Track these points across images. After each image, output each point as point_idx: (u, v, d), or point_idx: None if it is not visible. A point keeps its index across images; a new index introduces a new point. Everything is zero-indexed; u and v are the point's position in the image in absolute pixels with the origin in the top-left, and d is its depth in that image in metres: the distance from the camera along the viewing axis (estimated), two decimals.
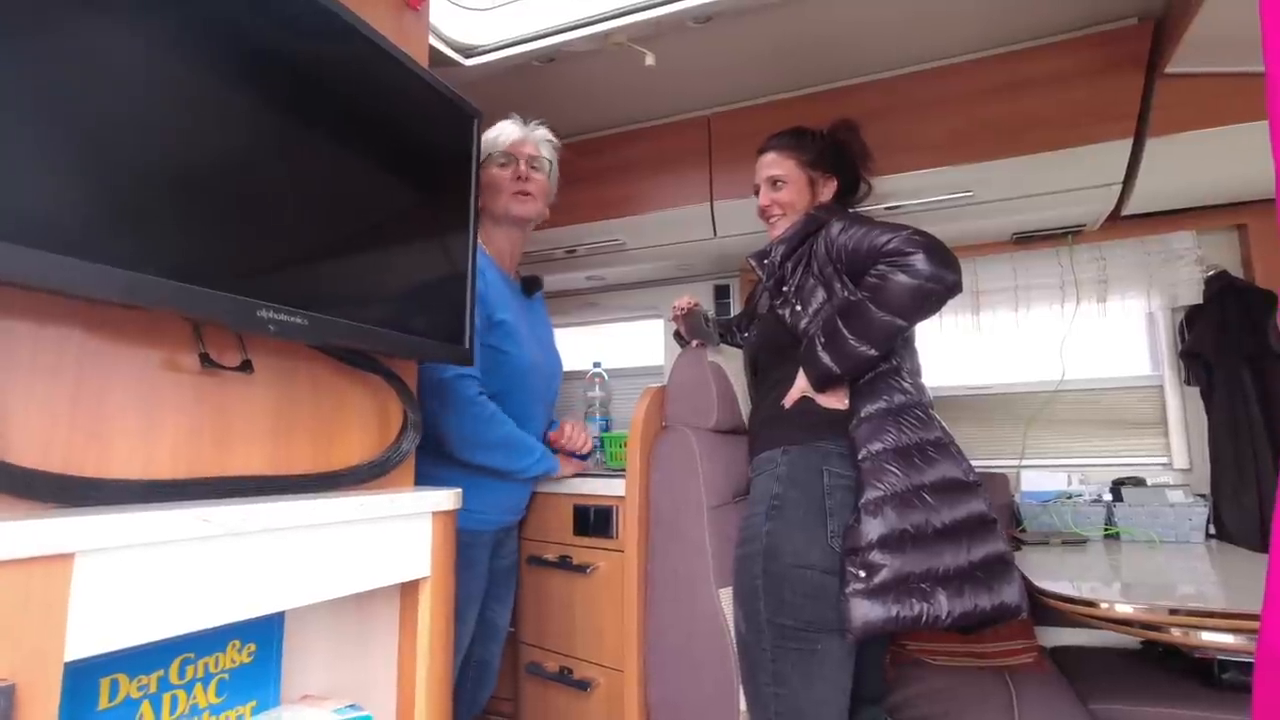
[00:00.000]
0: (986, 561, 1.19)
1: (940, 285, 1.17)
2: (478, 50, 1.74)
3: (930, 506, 1.17)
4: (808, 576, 1.19)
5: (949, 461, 1.22)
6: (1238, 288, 1.88)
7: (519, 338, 1.44)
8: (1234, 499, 1.79)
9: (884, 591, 1.12)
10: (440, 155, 1.09)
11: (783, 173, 1.46)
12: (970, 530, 1.19)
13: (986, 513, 1.22)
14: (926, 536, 1.16)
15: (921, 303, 1.18)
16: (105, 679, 0.74)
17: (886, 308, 1.18)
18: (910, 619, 1.12)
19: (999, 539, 1.22)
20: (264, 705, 0.91)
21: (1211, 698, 1.39)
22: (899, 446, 1.21)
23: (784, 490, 1.26)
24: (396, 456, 1.03)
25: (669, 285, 2.61)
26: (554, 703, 1.64)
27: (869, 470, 1.19)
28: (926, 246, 1.18)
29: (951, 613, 1.13)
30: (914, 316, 1.20)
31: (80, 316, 0.70)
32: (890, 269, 1.19)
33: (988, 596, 1.16)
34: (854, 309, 1.22)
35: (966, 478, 1.23)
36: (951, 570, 1.16)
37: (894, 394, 1.26)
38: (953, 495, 1.20)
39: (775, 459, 1.30)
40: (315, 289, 0.85)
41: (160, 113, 0.69)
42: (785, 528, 1.23)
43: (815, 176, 1.47)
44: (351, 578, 0.86)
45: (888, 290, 1.18)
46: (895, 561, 1.13)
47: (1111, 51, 1.62)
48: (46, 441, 0.66)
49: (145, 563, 0.63)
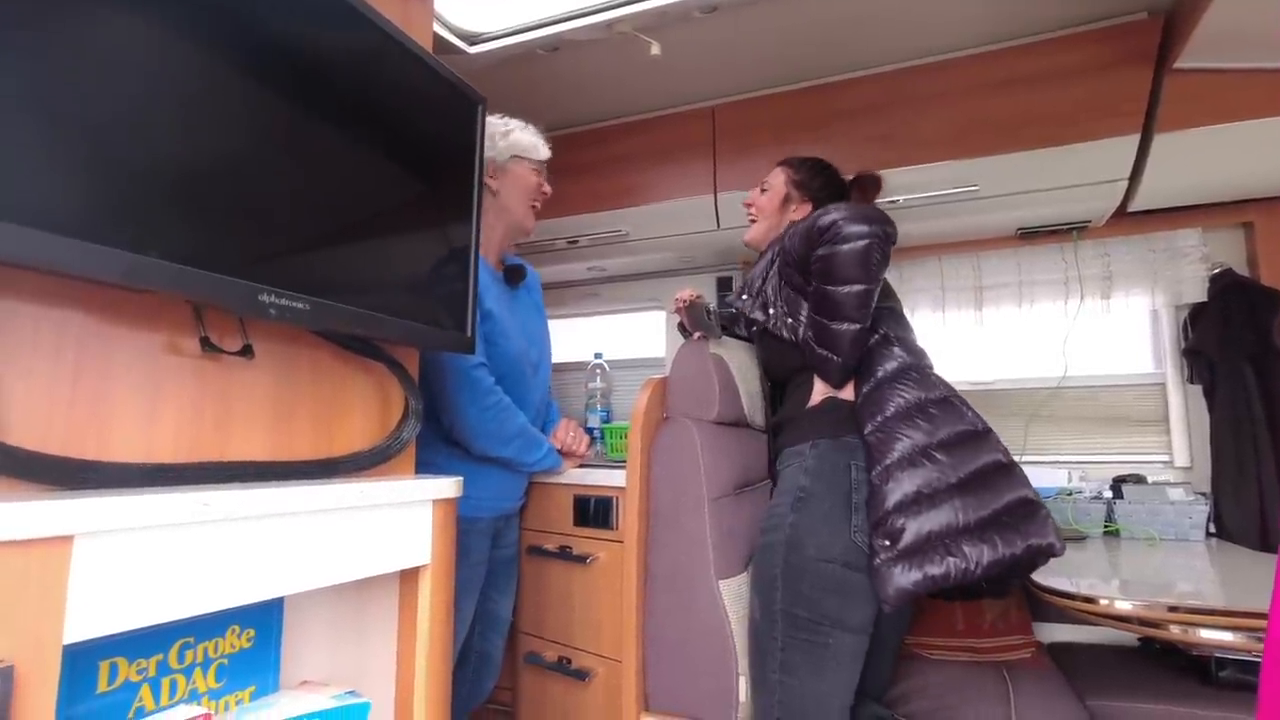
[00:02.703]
0: (1010, 507, 1.18)
1: (874, 238, 1.20)
2: (482, 38, 1.73)
3: (941, 464, 1.17)
4: (830, 570, 1.19)
5: (954, 415, 1.23)
6: (1242, 286, 1.87)
7: (505, 328, 1.44)
8: (1234, 498, 1.79)
9: (910, 555, 1.12)
10: (444, 142, 1.09)
11: (772, 181, 1.58)
12: (987, 479, 1.19)
13: (1002, 459, 1.22)
14: (941, 492, 1.15)
15: (867, 260, 1.21)
16: (104, 662, 0.74)
17: (841, 280, 1.22)
18: (940, 576, 1.11)
19: (1021, 483, 1.21)
20: (263, 690, 0.91)
21: (1209, 695, 1.39)
22: (899, 410, 1.22)
23: (811, 483, 1.27)
24: (397, 444, 1.02)
25: (671, 277, 2.60)
26: (552, 692, 1.65)
27: (876, 443, 1.20)
28: (845, 213, 1.22)
29: (980, 562, 1.12)
30: (870, 276, 1.22)
31: (82, 299, 0.69)
32: (824, 248, 1.23)
33: (1019, 540, 1.15)
34: (820, 298, 1.27)
35: (975, 427, 1.23)
36: (974, 522, 1.15)
37: (886, 362, 1.28)
38: (965, 448, 1.20)
39: (804, 452, 1.32)
40: (317, 274, 0.85)
41: (164, 98, 0.68)
42: (810, 520, 1.23)
43: (793, 194, 1.54)
44: (351, 564, 0.85)
45: (833, 266, 1.22)
46: (914, 523, 1.13)
47: (1120, 46, 1.61)
48: (47, 424, 0.66)
49: (145, 546, 0.63)
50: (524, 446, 1.43)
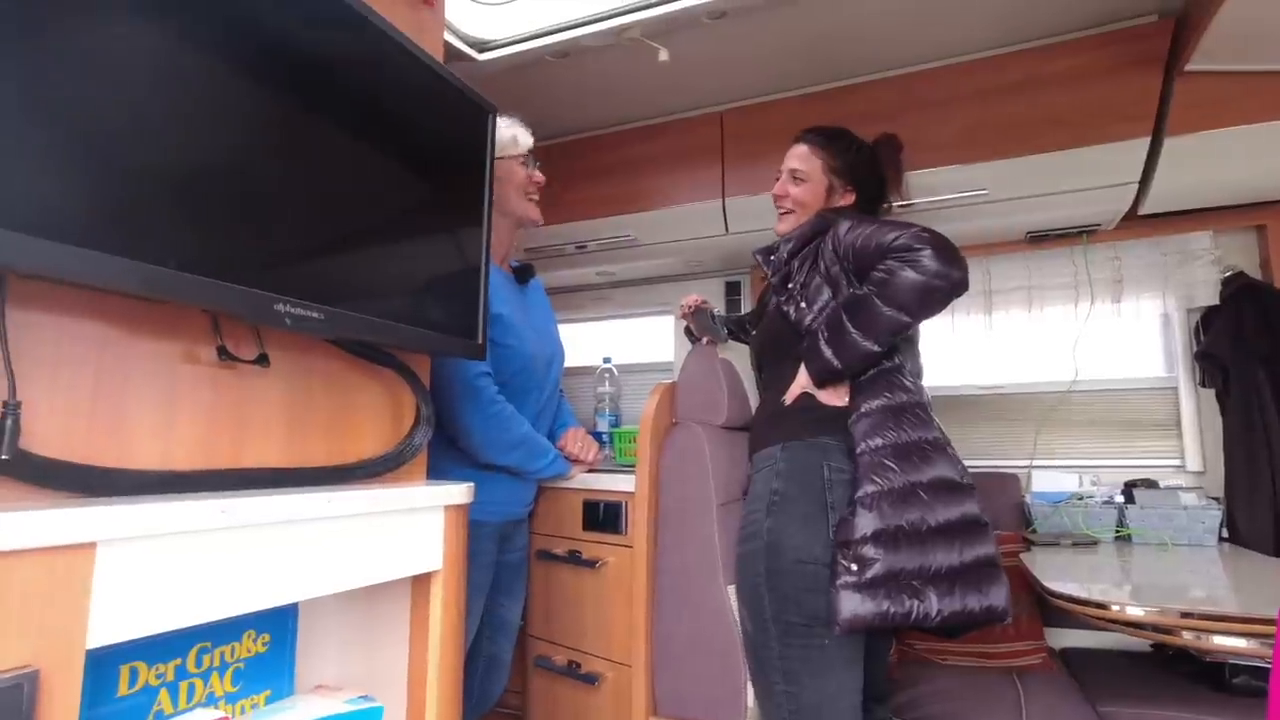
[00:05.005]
0: (978, 563, 1.19)
1: (946, 282, 1.17)
2: (492, 45, 1.74)
3: (926, 504, 1.17)
4: (811, 571, 1.18)
5: (945, 462, 1.22)
6: (1255, 289, 1.86)
7: (517, 330, 1.45)
8: (1248, 502, 1.78)
9: (875, 586, 1.12)
10: (455, 150, 1.10)
11: (805, 169, 1.45)
12: (963, 531, 1.19)
13: (979, 515, 1.22)
14: (921, 534, 1.16)
15: (927, 299, 1.18)
16: (125, 666, 0.76)
17: (892, 302, 1.18)
18: (901, 615, 1.12)
19: (989, 542, 1.22)
20: (278, 694, 0.92)
21: (1222, 702, 1.39)
22: (899, 444, 1.21)
23: (784, 486, 1.26)
24: (409, 450, 1.03)
25: (680, 281, 2.61)
26: (562, 696, 1.65)
27: (867, 465, 1.19)
28: (934, 243, 1.17)
29: (942, 611, 1.13)
30: (919, 313, 1.20)
31: (101, 310, 0.70)
32: (898, 264, 1.19)
33: (977, 598, 1.17)
34: (860, 303, 1.22)
35: (960, 479, 1.23)
36: (944, 569, 1.16)
37: (896, 392, 1.25)
38: (947, 495, 1.20)
39: (775, 455, 1.30)
40: (331, 283, 0.86)
41: (177, 108, 0.69)
42: (786, 523, 1.23)
43: (835, 184, 1.45)
44: (364, 570, 0.86)
45: (894, 285, 1.18)
46: (888, 557, 1.13)
47: (1130, 49, 1.61)
48: (68, 433, 0.67)
49: (165, 552, 0.64)
50: (528, 454, 1.43)
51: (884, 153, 1.48)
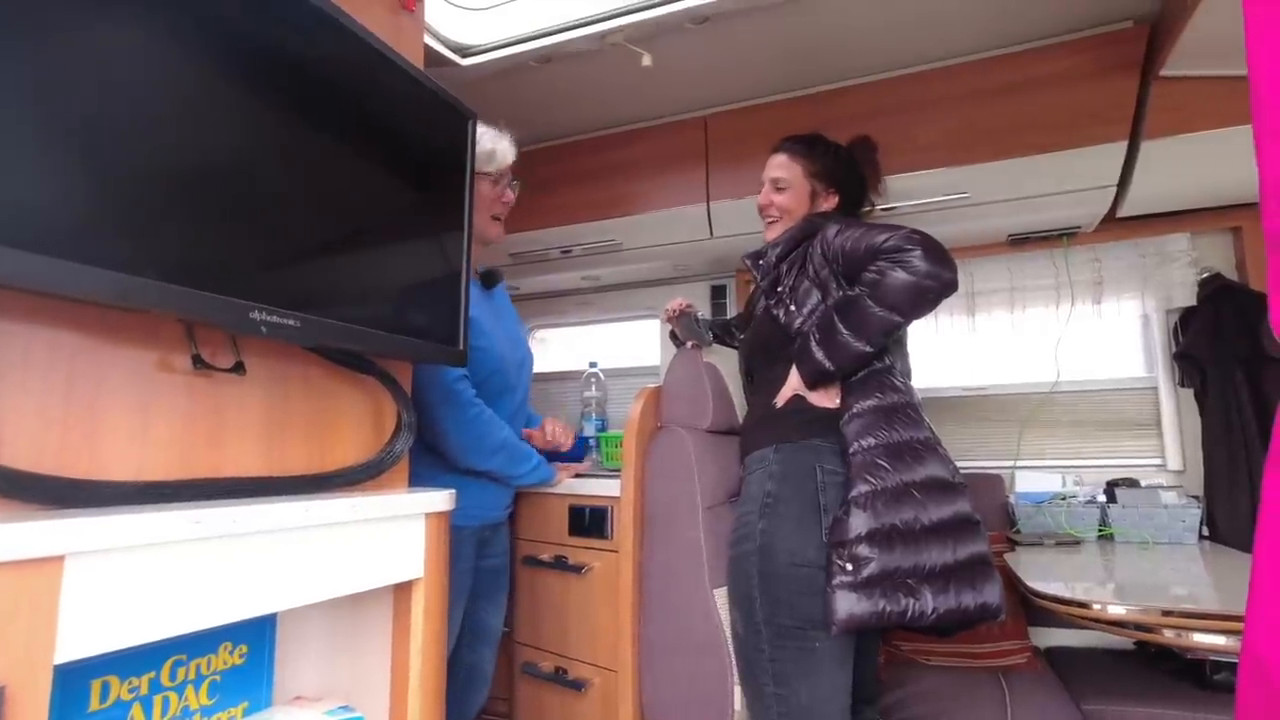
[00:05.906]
0: (971, 561, 1.20)
1: (937, 282, 1.18)
2: (474, 50, 1.74)
3: (919, 503, 1.18)
4: (805, 574, 1.19)
5: (936, 461, 1.24)
6: (1231, 289, 1.89)
7: (488, 332, 1.44)
8: (1227, 501, 1.80)
9: (870, 586, 1.13)
10: (435, 156, 1.09)
11: (787, 176, 1.47)
12: (956, 529, 1.21)
13: (971, 514, 1.24)
14: (915, 533, 1.17)
15: (918, 299, 1.19)
16: (96, 681, 0.74)
17: (883, 303, 1.19)
18: (896, 614, 1.13)
19: (982, 540, 1.24)
20: (256, 707, 0.90)
21: (1204, 699, 1.40)
22: (891, 443, 1.21)
23: (777, 488, 1.26)
24: (390, 458, 1.02)
25: (665, 285, 2.61)
26: (549, 703, 1.64)
27: (859, 465, 1.20)
28: (924, 244, 1.19)
29: (937, 609, 1.14)
30: (910, 313, 1.21)
31: (73, 318, 0.69)
32: (888, 265, 1.20)
33: (972, 595, 1.18)
34: (851, 304, 1.23)
35: (952, 478, 1.24)
36: (938, 567, 1.17)
37: (887, 392, 1.26)
38: (939, 494, 1.21)
39: (768, 457, 1.31)
40: (308, 290, 0.85)
41: (152, 115, 0.68)
42: (780, 525, 1.23)
43: (817, 188, 1.47)
44: (344, 579, 0.85)
45: (885, 286, 1.19)
46: (883, 556, 1.14)
47: (1107, 54, 1.63)
48: (39, 443, 0.66)
49: (137, 565, 0.63)
50: (509, 460, 1.42)
51: (860, 153, 1.52)
